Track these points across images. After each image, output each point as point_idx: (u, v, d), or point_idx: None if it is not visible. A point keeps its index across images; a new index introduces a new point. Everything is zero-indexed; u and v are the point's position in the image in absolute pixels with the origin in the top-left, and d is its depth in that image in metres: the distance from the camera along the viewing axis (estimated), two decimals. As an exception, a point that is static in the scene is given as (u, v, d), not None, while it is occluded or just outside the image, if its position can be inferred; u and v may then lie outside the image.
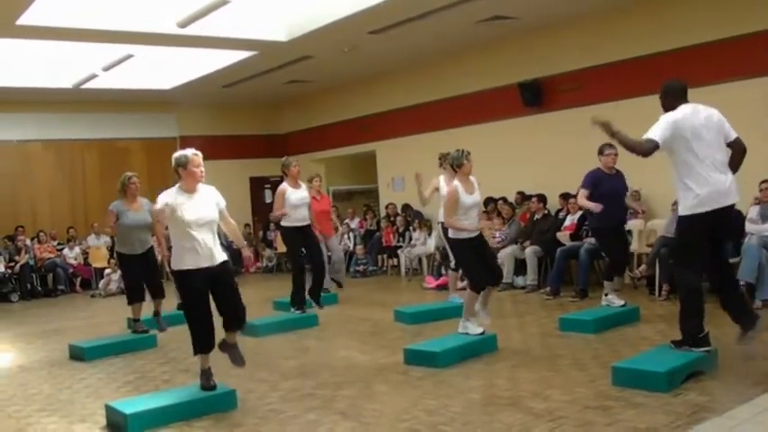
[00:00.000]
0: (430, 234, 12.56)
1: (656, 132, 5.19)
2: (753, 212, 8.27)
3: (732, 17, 9.14)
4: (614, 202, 7.53)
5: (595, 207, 7.34)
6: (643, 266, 9.12)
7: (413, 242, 12.96)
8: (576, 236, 9.87)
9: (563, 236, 10.06)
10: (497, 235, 11.10)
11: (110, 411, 5.15)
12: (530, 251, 10.27)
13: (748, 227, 8.22)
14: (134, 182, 7.88)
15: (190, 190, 5.39)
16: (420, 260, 12.68)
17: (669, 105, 5.38)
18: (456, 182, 6.69)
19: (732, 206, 5.32)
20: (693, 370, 5.17)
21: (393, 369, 6.16)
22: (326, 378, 6.01)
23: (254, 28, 11.13)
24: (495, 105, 12.42)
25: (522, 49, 11.90)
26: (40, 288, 13.81)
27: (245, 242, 6.13)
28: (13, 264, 13.50)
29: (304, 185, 9.06)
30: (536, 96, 11.65)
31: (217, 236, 5.47)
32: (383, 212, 14.63)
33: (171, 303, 8.87)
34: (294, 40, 11.33)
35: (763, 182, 8.27)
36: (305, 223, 8.86)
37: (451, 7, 9.94)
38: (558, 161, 11.08)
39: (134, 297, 7.99)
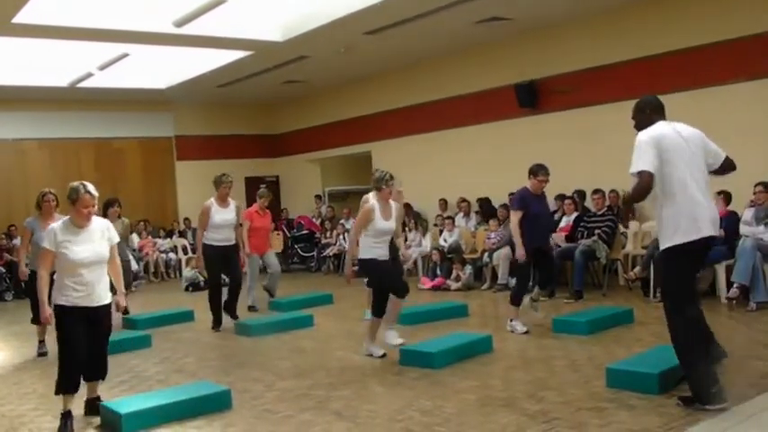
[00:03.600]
0: (425, 235, 12.57)
1: (639, 162, 4.58)
2: (747, 215, 8.29)
3: (730, 20, 9.17)
4: (541, 224, 7.48)
5: (520, 256, 7.31)
6: (638, 268, 9.13)
7: (408, 243, 12.95)
8: (571, 237, 9.89)
9: (558, 237, 10.07)
10: (492, 236, 11.11)
11: (104, 411, 5.14)
12: (525, 252, 10.26)
13: (743, 229, 8.24)
14: (49, 199, 7.29)
15: (79, 225, 5.02)
16: (415, 261, 12.67)
17: (646, 121, 4.83)
18: (374, 201, 6.51)
19: (713, 238, 4.72)
20: (688, 371, 5.17)
21: (388, 370, 6.16)
22: (321, 378, 6.00)
23: (250, 28, 11.14)
24: (491, 107, 12.44)
25: (518, 50, 11.93)
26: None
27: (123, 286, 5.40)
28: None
29: (233, 204, 8.62)
30: (532, 98, 11.67)
31: (106, 274, 5.15)
32: (379, 213, 14.60)
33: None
34: (290, 40, 11.33)
35: (757, 184, 8.30)
36: (226, 244, 8.50)
37: (448, 8, 9.95)
38: (554, 163, 10.99)
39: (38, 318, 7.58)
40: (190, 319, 9.33)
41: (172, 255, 15.24)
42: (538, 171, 7.45)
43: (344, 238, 14.33)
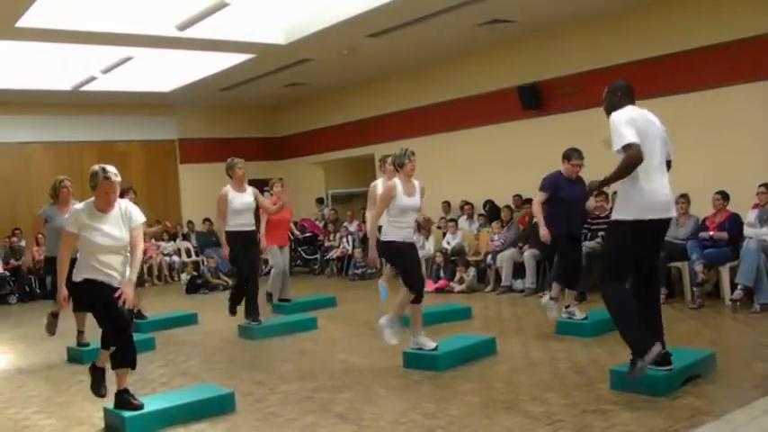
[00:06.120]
0: (428, 238, 12.55)
1: (625, 135, 4.74)
2: (751, 216, 8.27)
3: (732, 21, 9.16)
4: (573, 209, 7.27)
5: (545, 236, 7.29)
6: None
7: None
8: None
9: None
10: (496, 238, 11.11)
11: (107, 414, 5.15)
12: (528, 254, 10.27)
13: (747, 231, 8.23)
14: (65, 186, 7.38)
15: (101, 210, 4.99)
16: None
17: (616, 103, 5.07)
18: (396, 180, 6.40)
19: (670, 220, 5.12)
20: (692, 374, 5.17)
21: (392, 372, 6.16)
22: (325, 381, 6.00)
23: (253, 31, 11.16)
24: (494, 109, 12.44)
25: (520, 52, 11.92)
26: (38, 290, 13.78)
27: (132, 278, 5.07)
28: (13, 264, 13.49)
29: (250, 190, 8.39)
30: (535, 100, 11.67)
31: (129, 258, 5.05)
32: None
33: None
34: (293, 43, 11.35)
35: (761, 185, 8.28)
36: (248, 229, 8.20)
37: (450, 11, 9.95)
38: (557, 165, 11.03)
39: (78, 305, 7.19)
40: (193, 321, 9.34)
41: (175, 257, 15.26)
42: (571, 155, 7.38)
43: (348, 241, 14.35)
